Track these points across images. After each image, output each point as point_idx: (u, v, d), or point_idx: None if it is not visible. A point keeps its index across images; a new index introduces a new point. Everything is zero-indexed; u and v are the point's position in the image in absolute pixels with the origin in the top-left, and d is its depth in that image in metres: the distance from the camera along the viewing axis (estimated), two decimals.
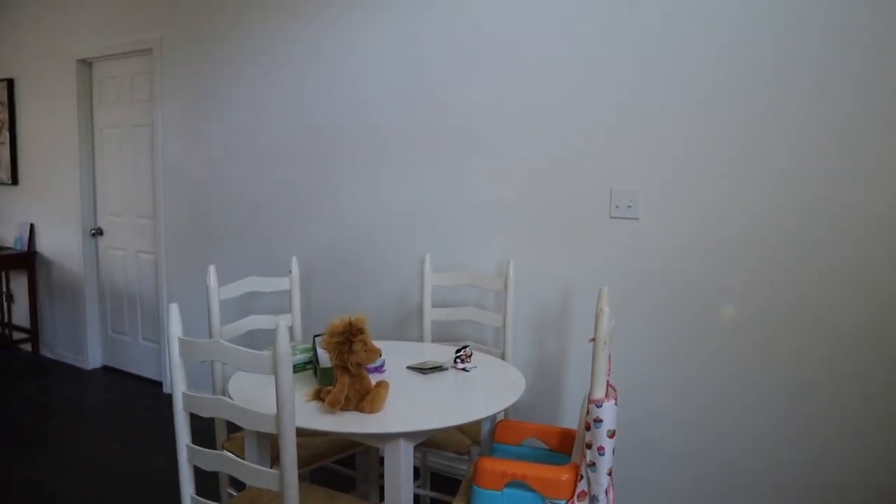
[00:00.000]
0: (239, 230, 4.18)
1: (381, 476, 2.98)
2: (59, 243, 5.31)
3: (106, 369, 5.21)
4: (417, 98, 3.37)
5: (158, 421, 4.16)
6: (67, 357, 5.38)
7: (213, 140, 4.25)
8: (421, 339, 3.16)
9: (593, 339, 2.01)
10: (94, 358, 5.25)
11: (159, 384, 4.84)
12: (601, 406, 1.99)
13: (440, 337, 3.39)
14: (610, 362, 2.18)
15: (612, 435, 2.00)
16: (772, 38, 2.55)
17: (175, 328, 1.96)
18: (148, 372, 4.97)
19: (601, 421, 1.99)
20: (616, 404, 2.02)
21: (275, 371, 1.76)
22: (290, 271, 2.96)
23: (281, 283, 2.94)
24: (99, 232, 5.12)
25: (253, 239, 4.12)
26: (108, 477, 3.41)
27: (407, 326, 3.52)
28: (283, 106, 3.88)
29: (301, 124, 3.81)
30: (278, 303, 3.98)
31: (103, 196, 5.08)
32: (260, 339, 4.03)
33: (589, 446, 2.02)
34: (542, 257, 3.10)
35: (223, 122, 4.18)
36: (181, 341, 1.94)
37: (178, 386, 1.97)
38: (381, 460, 3.24)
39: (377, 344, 2.77)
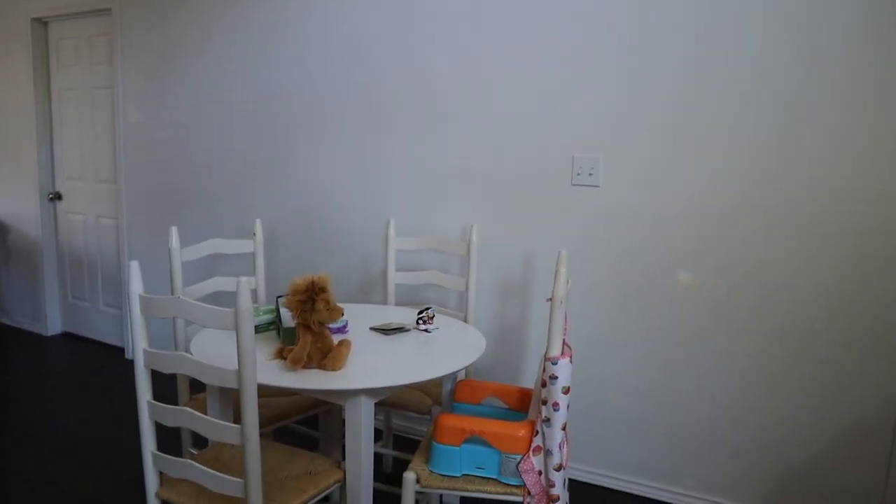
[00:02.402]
0: (204, 195, 4.18)
1: (344, 436, 3.05)
2: (15, 208, 5.24)
3: (66, 336, 5.19)
4: (384, 65, 3.39)
5: (121, 387, 4.18)
6: (25, 323, 5.35)
7: (176, 103, 4.22)
8: (385, 302, 3.22)
9: (550, 299, 2.09)
10: (53, 324, 5.23)
11: (121, 350, 4.85)
12: (556, 363, 2.07)
13: (404, 301, 3.45)
14: (566, 322, 2.26)
15: (566, 391, 2.09)
16: (734, 7, 2.62)
17: (136, 285, 1.99)
18: (109, 338, 4.97)
19: (556, 378, 2.07)
20: (571, 362, 2.11)
21: (236, 326, 1.80)
22: (254, 234, 2.99)
23: (245, 246, 2.97)
24: (58, 196, 5.08)
25: (218, 204, 4.12)
26: (70, 443, 3.43)
27: (372, 290, 3.58)
28: (248, 69, 3.87)
29: (267, 88, 3.81)
30: (243, 266, 4.01)
31: (62, 160, 5.02)
32: (224, 301, 4.05)
33: (545, 402, 2.11)
34: (505, 223, 3.16)
35: (186, 85, 4.15)
36: (142, 298, 1.97)
37: (139, 342, 2.01)
38: (344, 422, 3.31)
39: (341, 306, 2.82)
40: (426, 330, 2.57)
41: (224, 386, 1.89)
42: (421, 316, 2.59)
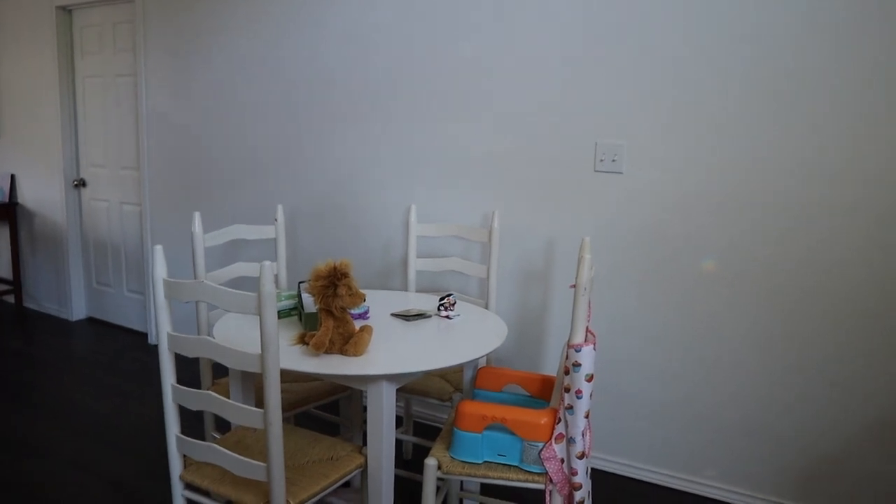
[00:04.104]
0: (226, 181, 4.18)
1: (365, 422, 3.05)
2: (41, 194, 5.28)
3: (91, 321, 5.24)
4: (406, 50, 3.36)
5: (145, 371, 4.21)
6: (52, 309, 5.40)
7: (199, 90, 4.22)
8: (405, 289, 3.20)
9: (574, 286, 2.06)
10: (78, 309, 5.27)
11: (144, 335, 4.88)
12: (580, 350, 2.04)
13: (425, 288, 3.43)
14: (590, 309, 2.23)
15: (589, 379, 2.06)
16: None
17: (160, 270, 1.99)
18: (133, 323, 5.01)
19: (580, 365, 2.04)
20: (594, 349, 2.08)
21: (259, 311, 1.79)
22: (276, 219, 2.99)
23: (266, 231, 2.96)
24: (82, 183, 5.11)
25: (241, 190, 4.12)
26: (95, 426, 3.46)
27: (392, 277, 3.57)
28: (269, 57, 3.86)
29: (288, 75, 3.80)
30: (264, 252, 4.01)
31: (86, 147, 5.05)
32: (246, 286, 4.05)
33: (567, 390, 2.08)
34: (527, 210, 3.13)
35: (209, 72, 4.15)
36: (166, 282, 1.97)
37: (163, 326, 2.01)
38: (366, 408, 3.31)
39: (363, 292, 2.81)
40: (447, 317, 2.55)
41: (247, 370, 1.88)
42: (442, 302, 2.58)
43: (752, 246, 2.69)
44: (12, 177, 5.46)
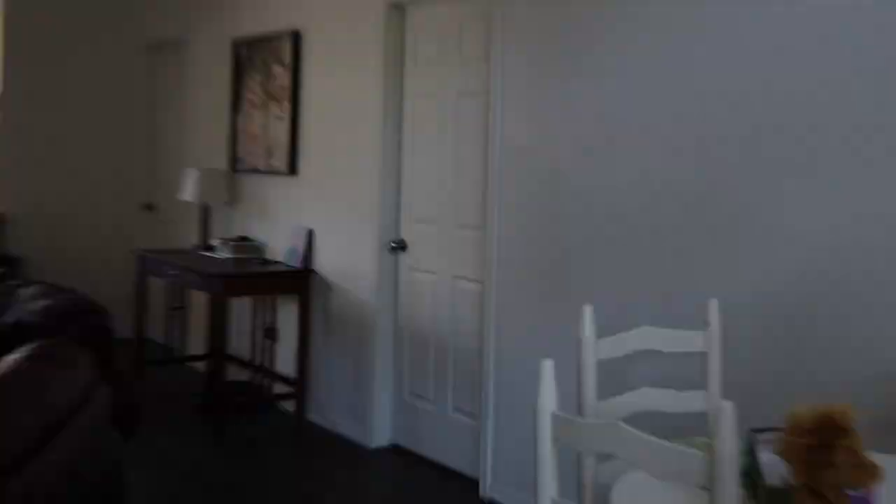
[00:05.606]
0: (611, 253, 4.23)
1: None
2: (343, 259, 5.83)
3: (397, 451, 5.62)
4: None
5: None
6: (343, 426, 5.89)
7: (578, 118, 4.37)
8: None
9: None
10: (381, 431, 5.69)
11: (474, 482, 5.02)
12: None
13: None
14: None
15: None
16: None
17: (547, 397, 2.00)
18: (458, 462, 5.23)
19: None
20: None
21: (710, 485, 1.71)
22: (707, 323, 2.92)
23: (688, 341, 2.92)
24: (401, 246, 5.57)
25: (635, 267, 4.13)
26: None
27: None
28: (690, 64, 3.87)
29: (717, 94, 3.77)
30: (675, 368, 3.91)
31: (410, 195, 5.53)
32: (646, 423, 3.99)
33: None
34: None
35: (593, 91, 4.29)
36: (556, 419, 1.97)
37: (546, 490, 2.02)
38: None
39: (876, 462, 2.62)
40: None
41: None
42: None
43: None
44: (309, 233, 6.08)
